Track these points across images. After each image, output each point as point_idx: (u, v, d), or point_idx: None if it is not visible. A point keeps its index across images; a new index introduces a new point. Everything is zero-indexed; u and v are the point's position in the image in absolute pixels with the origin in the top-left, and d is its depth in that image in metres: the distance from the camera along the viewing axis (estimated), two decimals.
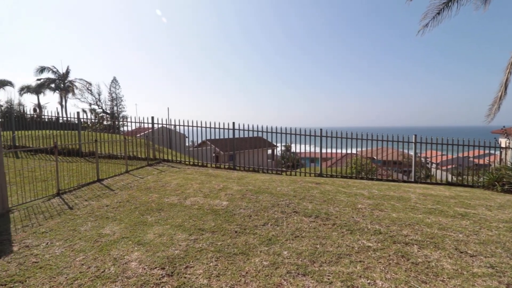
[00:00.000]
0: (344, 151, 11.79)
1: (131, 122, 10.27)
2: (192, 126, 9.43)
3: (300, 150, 9.43)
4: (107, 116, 30.63)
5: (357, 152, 10.72)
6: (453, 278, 2.65)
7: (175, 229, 3.67)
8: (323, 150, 8.96)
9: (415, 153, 8.51)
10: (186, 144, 13.03)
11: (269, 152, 24.04)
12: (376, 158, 11.22)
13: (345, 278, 2.61)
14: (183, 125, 9.44)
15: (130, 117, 31.18)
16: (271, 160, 22.60)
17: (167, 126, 9.86)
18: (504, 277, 2.68)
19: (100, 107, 31.07)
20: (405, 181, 8.15)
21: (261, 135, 9.69)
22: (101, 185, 5.95)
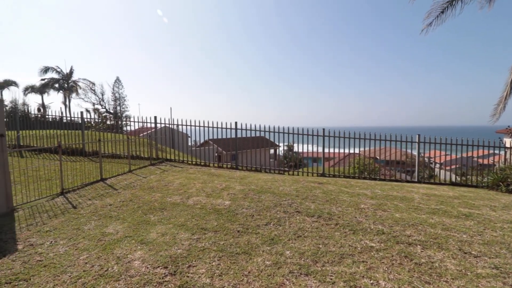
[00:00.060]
0: (346, 151, 11.75)
1: (134, 121, 10.31)
2: (195, 126, 9.45)
3: (302, 149, 9.42)
4: (110, 115, 30.79)
5: (359, 152, 10.68)
6: (457, 279, 2.63)
7: (177, 229, 3.69)
8: (325, 150, 8.94)
9: (418, 153, 8.46)
10: (189, 143, 13.07)
11: (271, 151, 24.03)
12: (379, 158, 11.17)
13: (348, 278, 2.61)
14: (185, 125, 9.47)
15: (133, 117, 31.30)
16: (273, 159, 22.60)
17: (170, 125, 9.90)
18: (509, 278, 2.66)
19: (103, 107, 31.23)
20: (408, 181, 8.11)
21: (264, 134, 9.68)
22: (105, 185, 5.99)
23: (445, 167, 14.79)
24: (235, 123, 9.31)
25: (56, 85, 30.12)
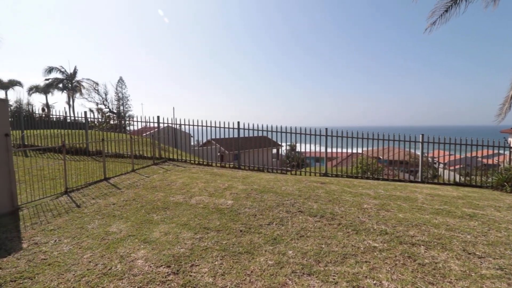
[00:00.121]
0: (349, 151, 11.71)
1: (137, 121, 10.36)
2: (197, 126, 9.48)
3: (305, 149, 9.40)
4: (114, 115, 30.96)
5: (362, 152, 10.63)
6: (461, 280, 2.61)
7: (180, 228, 3.70)
8: (328, 150, 8.92)
9: (422, 153, 8.41)
10: (191, 143, 13.10)
11: (274, 151, 24.02)
12: (382, 158, 11.12)
13: (351, 278, 2.60)
14: (188, 125, 9.50)
15: (136, 117, 31.50)
16: (276, 159, 22.58)
17: (173, 125, 9.93)
18: None
19: (106, 107, 31.42)
20: (411, 181, 8.06)
21: (266, 134, 9.68)
22: (108, 184, 6.02)
23: (449, 167, 14.68)
24: (238, 122, 9.32)
25: (60, 85, 30.37)
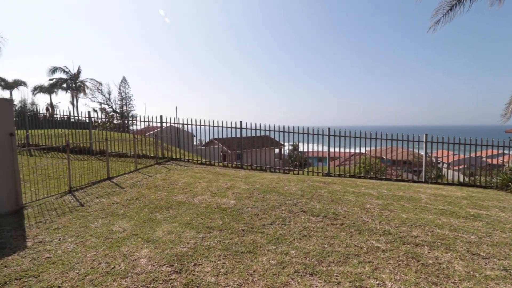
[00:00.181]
0: (352, 151, 11.66)
1: (140, 121, 10.40)
2: (200, 125, 9.50)
3: (307, 149, 9.38)
4: (117, 115, 31.12)
5: (365, 152, 10.59)
6: (465, 280, 2.59)
7: (183, 227, 3.71)
8: (331, 149, 8.89)
9: (425, 153, 8.35)
10: (194, 143, 13.13)
11: (276, 151, 24.00)
12: (386, 158, 11.06)
13: (354, 278, 2.59)
14: (191, 124, 9.52)
15: (139, 116, 31.62)
16: (278, 159, 22.56)
17: (175, 125, 9.96)
18: None
19: (110, 106, 31.59)
20: (415, 181, 8.01)
21: (269, 134, 9.67)
22: (111, 183, 6.06)
23: (453, 167, 14.58)
24: (240, 122, 9.32)
25: (64, 85, 30.60)
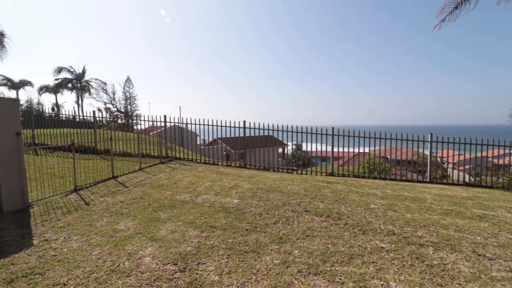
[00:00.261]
0: (356, 150, 11.60)
1: (144, 120, 10.47)
2: (203, 125, 9.52)
3: (311, 149, 9.36)
4: (121, 114, 31.34)
5: (369, 151, 10.53)
6: (470, 282, 2.57)
7: (187, 226, 3.73)
8: (334, 149, 8.86)
9: (430, 153, 8.28)
10: (198, 142, 13.17)
11: (279, 150, 23.97)
12: (390, 158, 10.99)
13: (357, 278, 2.58)
14: (194, 124, 9.55)
15: (143, 116, 31.83)
16: (281, 158, 22.53)
17: (179, 124, 10.00)
18: None
19: (114, 106, 31.82)
20: (420, 181, 7.95)
21: (272, 133, 9.66)
22: (116, 182, 6.11)
23: (458, 167, 14.43)
24: (244, 122, 9.33)
25: (69, 85, 30.90)
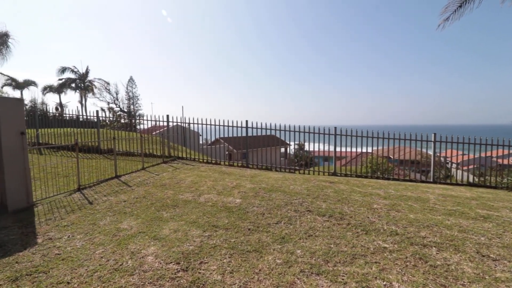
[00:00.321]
0: (358, 150, 11.56)
1: (147, 120, 10.51)
2: (206, 124, 9.54)
3: (313, 148, 9.34)
4: (124, 114, 31.50)
5: (372, 151, 10.49)
6: (474, 283, 2.55)
7: (189, 225, 3.74)
8: (337, 149, 8.83)
9: (434, 152, 8.23)
10: (200, 142, 13.20)
11: (282, 150, 23.94)
12: (393, 157, 10.93)
13: (360, 279, 2.57)
14: (197, 123, 9.58)
15: (146, 116, 31.95)
16: (284, 158, 22.51)
17: (182, 124, 10.03)
18: None
19: (117, 106, 32.01)
20: (423, 181, 7.90)
21: (274, 133, 9.66)
22: (119, 181, 6.14)
23: (462, 167, 14.33)
24: (246, 121, 9.33)
25: (73, 85, 31.10)
